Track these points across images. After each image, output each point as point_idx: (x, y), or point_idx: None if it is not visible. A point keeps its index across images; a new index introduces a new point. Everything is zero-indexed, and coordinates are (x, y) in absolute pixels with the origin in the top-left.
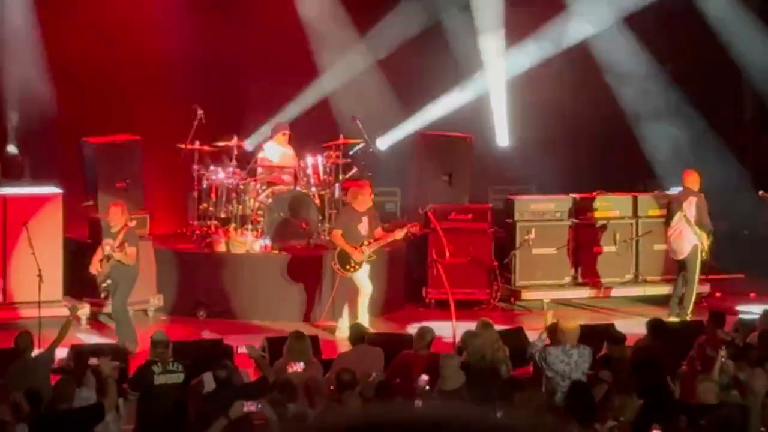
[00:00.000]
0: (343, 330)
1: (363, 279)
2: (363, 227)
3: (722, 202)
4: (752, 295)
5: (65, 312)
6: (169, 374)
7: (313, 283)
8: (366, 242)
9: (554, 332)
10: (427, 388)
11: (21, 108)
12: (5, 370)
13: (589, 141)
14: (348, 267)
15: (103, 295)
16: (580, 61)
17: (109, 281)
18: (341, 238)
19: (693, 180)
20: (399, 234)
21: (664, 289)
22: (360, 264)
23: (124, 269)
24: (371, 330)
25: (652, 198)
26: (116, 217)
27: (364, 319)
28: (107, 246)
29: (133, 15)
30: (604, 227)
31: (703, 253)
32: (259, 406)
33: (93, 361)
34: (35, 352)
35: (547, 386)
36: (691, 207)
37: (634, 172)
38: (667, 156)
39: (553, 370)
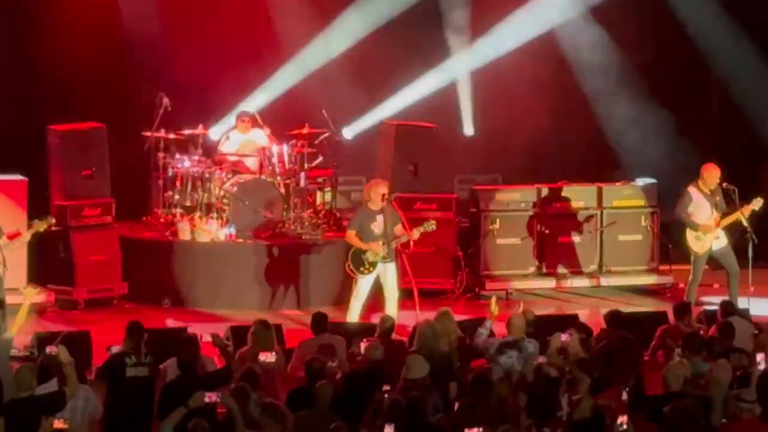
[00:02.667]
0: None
1: (365, 286)
2: (378, 226)
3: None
4: (715, 285)
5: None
6: (141, 367)
7: (277, 272)
8: (381, 241)
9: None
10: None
11: None
12: None
13: (554, 131)
14: (362, 269)
15: None
16: (547, 51)
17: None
18: (355, 237)
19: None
20: (415, 233)
21: (628, 280)
22: (374, 265)
23: None
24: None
25: (621, 188)
26: None
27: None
28: None
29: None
30: (568, 217)
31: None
32: (219, 396)
33: (51, 349)
34: None
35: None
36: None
37: (600, 163)
38: (634, 146)
39: (497, 362)
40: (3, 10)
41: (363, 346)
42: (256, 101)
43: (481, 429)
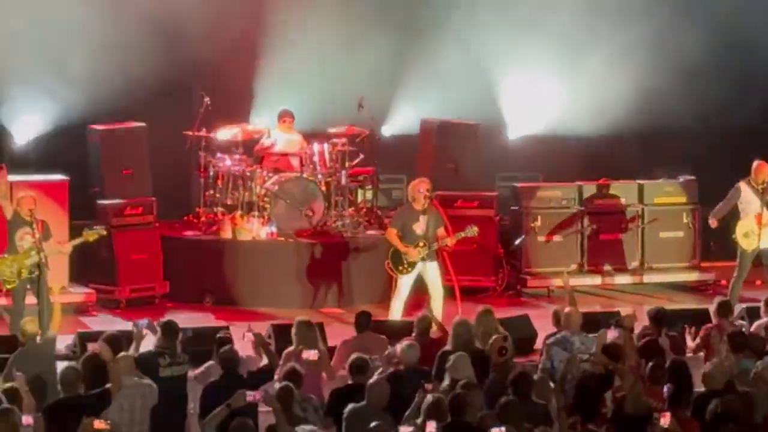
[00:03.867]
0: None
1: (406, 285)
2: (419, 227)
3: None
4: (758, 282)
5: (72, 298)
6: (175, 366)
7: (318, 270)
8: (422, 243)
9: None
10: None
11: (26, 96)
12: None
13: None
14: (401, 268)
15: (8, 287)
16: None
17: (34, 273)
18: (395, 237)
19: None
20: (450, 240)
21: (669, 277)
22: (413, 266)
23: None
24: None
25: (662, 185)
26: (30, 206)
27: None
28: (28, 236)
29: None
30: (610, 215)
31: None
32: (262, 395)
33: (93, 347)
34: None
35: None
36: None
37: (641, 160)
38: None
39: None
40: (37, 7)
41: (399, 348)
42: (297, 99)
43: (503, 428)
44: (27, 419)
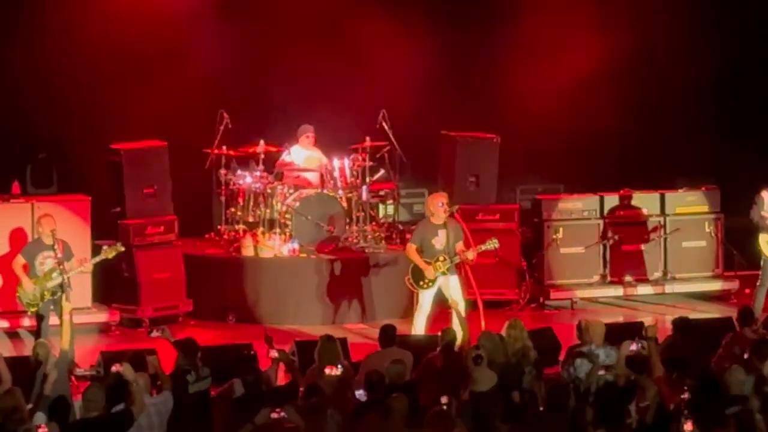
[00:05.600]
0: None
1: (428, 300)
2: (439, 241)
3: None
4: None
5: (95, 318)
6: (202, 381)
7: (341, 286)
8: (442, 257)
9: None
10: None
11: (48, 115)
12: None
13: (617, 139)
14: (422, 284)
15: (32, 311)
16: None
17: (57, 294)
18: (415, 253)
19: None
20: (470, 254)
21: (692, 287)
22: (433, 281)
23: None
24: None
25: (684, 195)
26: (52, 227)
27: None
28: (49, 259)
29: (158, 20)
30: (632, 225)
31: None
32: (284, 413)
33: (117, 367)
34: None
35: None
36: None
37: (663, 170)
38: (695, 152)
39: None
40: (63, 31)
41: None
42: (317, 115)
43: None
44: None
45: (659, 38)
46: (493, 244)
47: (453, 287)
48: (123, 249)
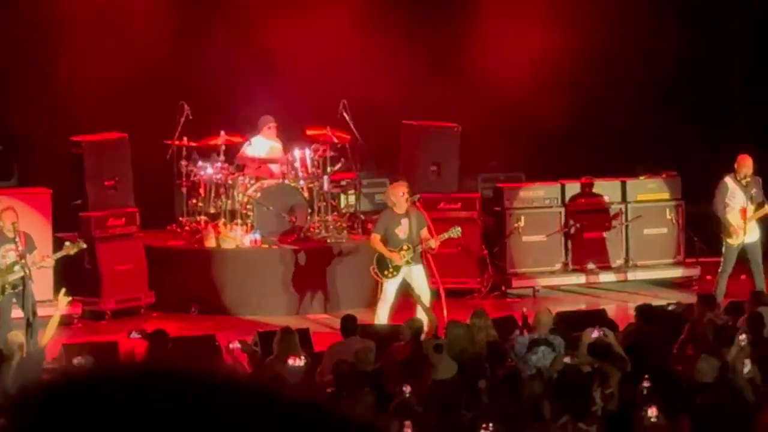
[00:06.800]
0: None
1: (391, 290)
2: (402, 231)
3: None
4: (742, 277)
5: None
6: None
7: (303, 277)
8: (406, 246)
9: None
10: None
11: (6, 108)
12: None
13: (578, 127)
14: (387, 273)
15: None
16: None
17: (18, 288)
18: (380, 242)
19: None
20: (433, 243)
21: (654, 274)
22: (398, 270)
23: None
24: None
25: (645, 182)
26: (13, 220)
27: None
28: (11, 252)
29: (119, 11)
30: (593, 213)
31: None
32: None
33: (78, 360)
34: (25, 353)
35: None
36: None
37: (623, 157)
38: (656, 140)
39: (527, 361)
40: (24, 24)
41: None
42: (277, 106)
43: (491, 425)
44: None
45: (617, 27)
46: (456, 232)
47: (417, 276)
48: (85, 246)
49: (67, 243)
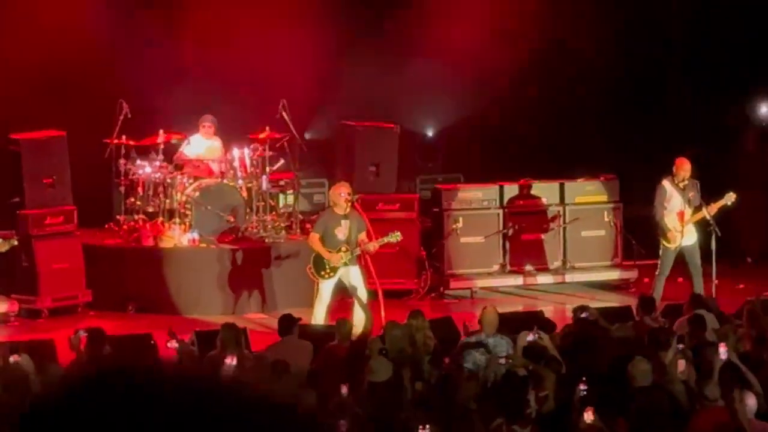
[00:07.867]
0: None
1: (328, 290)
2: (341, 231)
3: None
4: (679, 280)
5: None
6: None
7: (241, 276)
8: (344, 247)
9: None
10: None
11: None
12: None
13: (516, 129)
14: (323, 273)
15: None
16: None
17: None
18: (318, 242)
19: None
20: (371, 246)
21: (592, 276)
22: (335, 270)
23: None
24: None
25: (583, 184)
26: None
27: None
28: None
29: (57, 9)
30: (531, 215)
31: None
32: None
33: (14, 358)
34: None
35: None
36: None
37: (562, 159)
38: (594, 142)
39: (468, 361)
40: None
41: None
42: (217, 105)
43: (428, 427)
44: None
45: (559, 31)
46: (395, 236)
47: (354, 277)
48: (16, 243)
49: (0, 240)
